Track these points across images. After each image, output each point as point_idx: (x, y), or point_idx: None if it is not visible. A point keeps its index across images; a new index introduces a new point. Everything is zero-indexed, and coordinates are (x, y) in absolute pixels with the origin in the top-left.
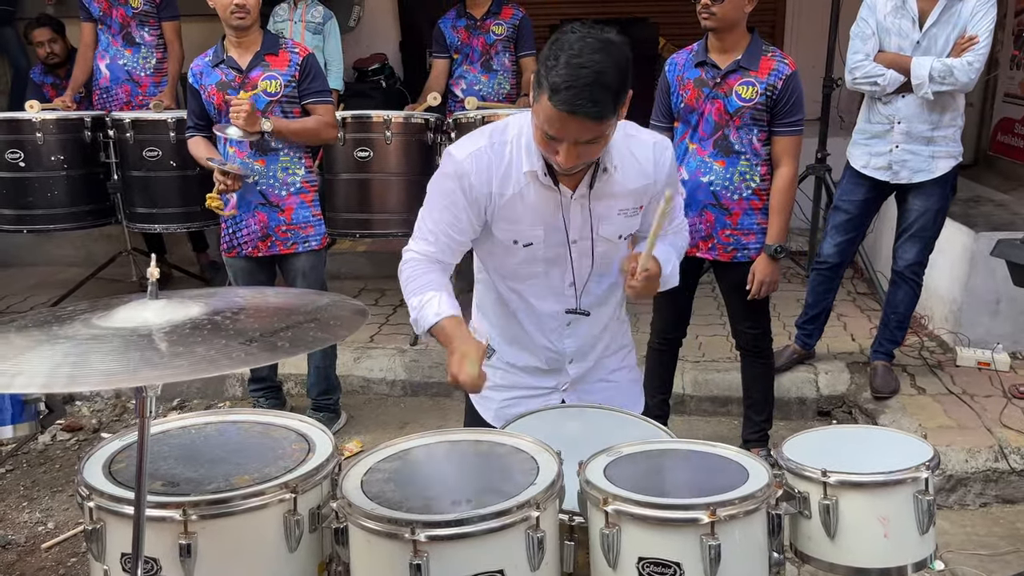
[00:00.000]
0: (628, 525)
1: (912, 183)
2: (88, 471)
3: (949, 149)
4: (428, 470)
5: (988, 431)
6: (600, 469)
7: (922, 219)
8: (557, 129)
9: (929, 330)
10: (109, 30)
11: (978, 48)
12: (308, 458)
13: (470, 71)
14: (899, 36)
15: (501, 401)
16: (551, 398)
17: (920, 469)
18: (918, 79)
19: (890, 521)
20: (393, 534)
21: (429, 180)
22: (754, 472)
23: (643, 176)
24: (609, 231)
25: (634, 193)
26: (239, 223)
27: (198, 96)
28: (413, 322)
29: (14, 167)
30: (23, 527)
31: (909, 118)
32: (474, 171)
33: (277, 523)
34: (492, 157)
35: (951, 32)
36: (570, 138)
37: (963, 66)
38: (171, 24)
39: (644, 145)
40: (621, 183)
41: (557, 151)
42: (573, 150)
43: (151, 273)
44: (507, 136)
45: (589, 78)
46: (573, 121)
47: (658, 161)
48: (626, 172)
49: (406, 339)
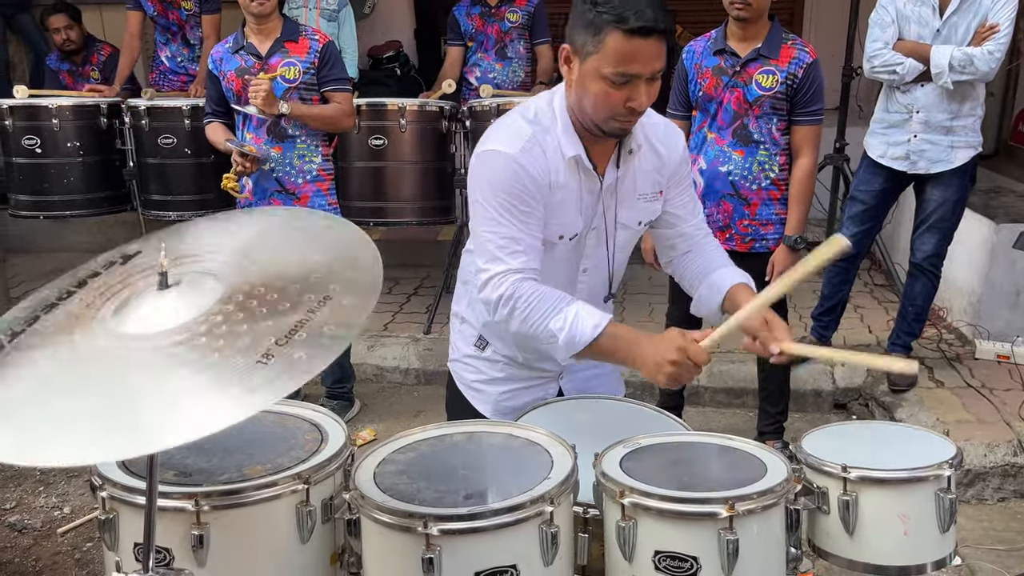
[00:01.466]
0: (645, 518)
1: (930, 173)
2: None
3: (968, 139)
4: (441, 462)
5: (1007, 425)
6: (616, 461)
7: (940, 210)
8: (634, 61)
9: (948, 322)
10: (168, 31)
11: (999, 37)
12: (321, 448)
13: (484, 59)
14: (919, 24)
15: (499, 394)
16: (549, 386)
17: (943, 467)
18: (938, 68)
19: (910, 519)
20: (406, 527)
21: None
22: (773, 466)
23: (657, 157)
24: (628, 216)
25: (651, 176)
26: (252, 208)
27: (217, 82)
28: (566, 345)
29: (31, 153)
30: (39, 512)
31: (928, 107)
32: (532, 164)
33: (289, 514)
34: (539, 147)
35: (972, 20)
36: (647, 68)
37: (984, 55)
38: (210, 18)
39: (656, 126)
40: (641, 166)
41: (630, 97)
42: (647, 87)
43: (162, 263)
44: (543, 122)
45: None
46: (649, 45)
47: (670, 143)
48: (644, 154)
49: (420, 327)
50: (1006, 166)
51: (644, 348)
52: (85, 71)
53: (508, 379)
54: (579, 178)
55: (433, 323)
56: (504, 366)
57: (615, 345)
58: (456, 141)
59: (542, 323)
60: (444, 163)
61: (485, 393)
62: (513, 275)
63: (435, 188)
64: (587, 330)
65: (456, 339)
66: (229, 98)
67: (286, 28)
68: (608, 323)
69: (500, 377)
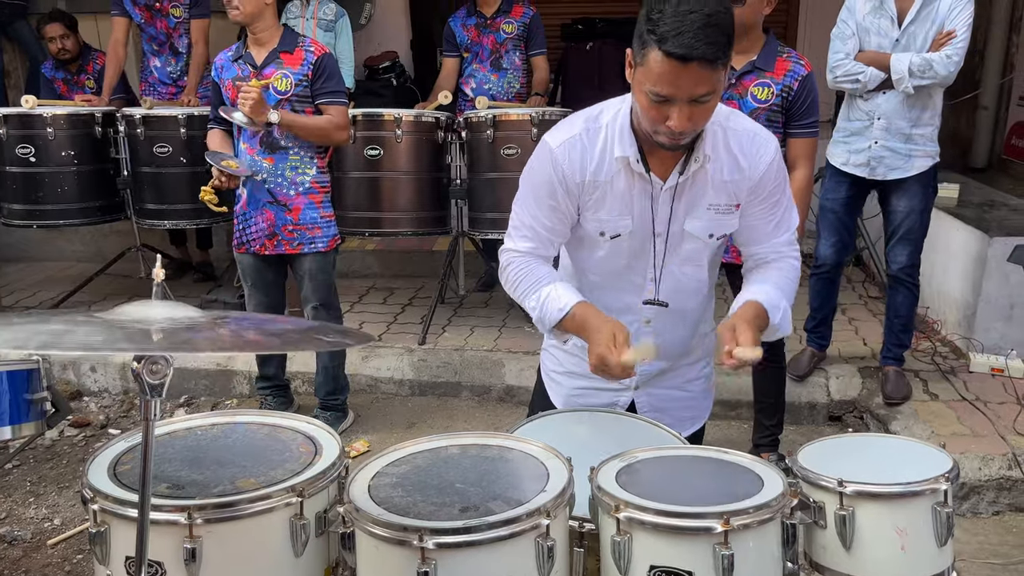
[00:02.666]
0: (640, 533)
1: (889, 180)
2: (93, 473)
3: (926, 148)
4: (436, 475)
5: (1002, 438)
6: (612, 475)
7: (908, 221)
8: (670, 85)
9: (942, 335)
10: (155, 40)
11: (956, 42)
12: (315, 461)
13: (480, 70)
14: (879, 35)
15: (572, 389)
16: (621, 396)
17: (939, 480)
18: (898, 74)
19: (907, 533)
20: (401, 540)
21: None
22: (769, 480)
23: (737, 169)
24: (697, 227)
25: (727, 187)
26: (248, 220)
27: (219, 90)
28: (537, 322)
29: (25, 162)
30: (29, 523)
31: (888, 114)
32: (567, 159)
33: (283, 527)
34: (586, 144)
35: (930, 29)
36: (684, 94)
37: (942, 59)
38: (199, 23)
39: (740, 135)
40: (713, 175)
41: (668, 116)
42: (686, 110)
43: (156, 274)
44: (601, 121)
45: (701, 20)
46: (687, 71)
47: (755, 154)
48: (720, 164)
49: (414, 338)
50: (999, 179)
51: (585, 335)
52: (80, 80)
53: (583, 375)
54: (628, 179)
55: (428, 334)
56: (581, 360)
57: (574, 326)
58: (452, 152)
59: (523, 300)
60: (440, 174)
61: (561, 385)
62: (512, 254)
63: (431, 199)
64: (554, 312)
65: None
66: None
67: (284, 39)
68: (573, 307)
69: (576, 372)
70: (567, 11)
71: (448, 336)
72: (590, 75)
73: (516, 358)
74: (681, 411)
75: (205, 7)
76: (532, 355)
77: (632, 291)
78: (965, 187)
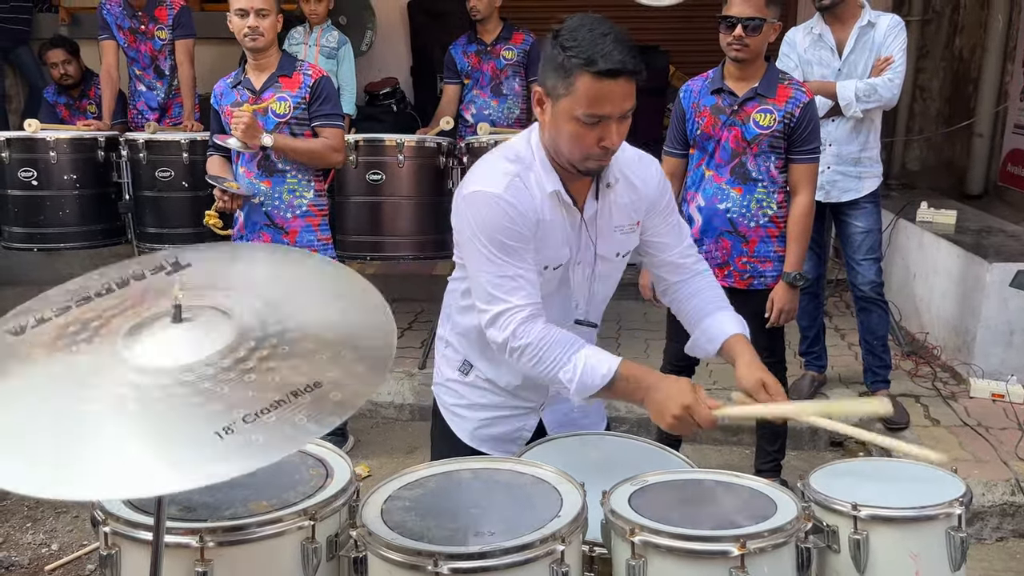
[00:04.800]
0: (655, 556)
1: (842, 202)
2: None
3: (873, 170)
4: (450, 499)
5: (1004, 464)
6: (625, 499)
7: (869, 238)
8: (605, 102)
9: (942, 361)
10: (139, 63)
11: (895, 66)
12: (327, 484)
13: (480, 96)
14: (821, 66)
15: (479, 421)
16: (529, 418)
17: (954, 504)
18: (845, 100)
19: (921, 558)
20: (415, 565)
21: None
22: (783, 504)
23: (632, 190)
24: (607, 249)
25: (626, 208)
26: (246, 243)
27: (218, 116)
28: (577, 393)
29: (27, 185)
30: (26, 548)
31: (839, 140)
32: (517, 201)
33: (294, 550)
34: (524, 184)
35: (868, 56)
36: (617, 109)
37: (885, 83)
38: (183, 43)
39: (630, 160)
40: (617, 200)
41: (602, 136)
42: (619, 126)
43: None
44: (525, 161)
45: (616, 38)
46: (618, 86)
47: (646, 174)
48: (619, 188)
49: (414, 363)
50: (995, 206)
51: (654, 394)
52: (82, 105)
53: (488, 406)
54: (561, 212)
55: (428, 358)
56: (485, 392)
57: (627, 388)
58: (453, 177)
59: (551, 372)
60: (441, 198)
61: (464, 418)
62: (517, 313)
63: (432, 223)
64: (597, 379)
65: (440, 363)
66: (228, 132)
67: (282, 63)
68: (619, 368)
69: (480, 403)
70: None
71: None
72: None
73: None
74: (583, 419)
75: (189, 28)
76: None
77: (559, 312)
78: (962, 214)
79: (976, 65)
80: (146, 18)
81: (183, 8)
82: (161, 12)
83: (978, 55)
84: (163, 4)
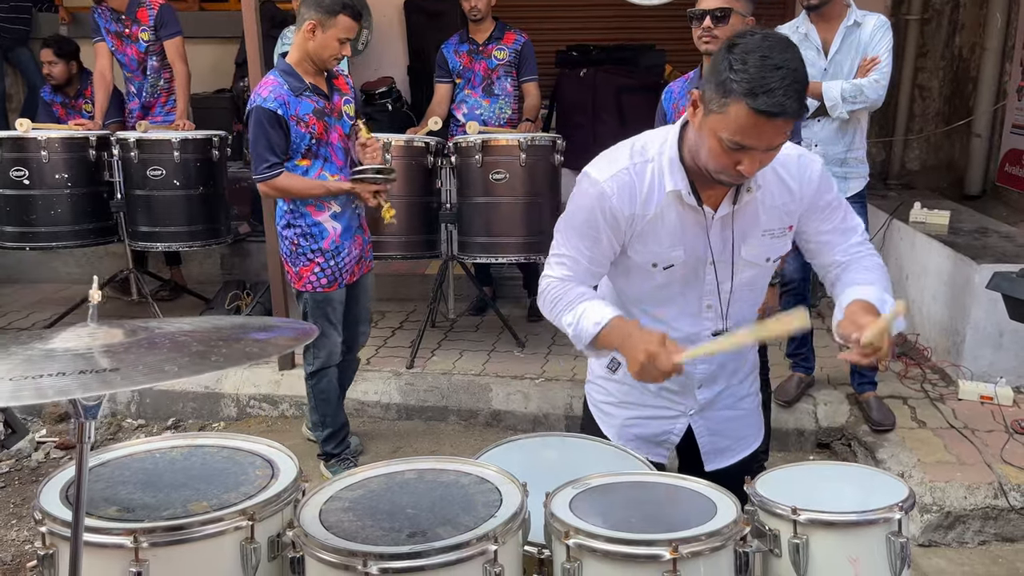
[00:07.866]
0: (590, 560)
1: None
2: (45, 495)
3: (859, 170)
4: (389, 500)
5: (988, 467)
6: (566, 501)
7: None
8: (752, 136)
9: (931, 362)
10: (127, 67)
11: (881, 67)
12: (270, 484)
13: (472, 95)
14: (807, 66)
15: (625, 419)
16: (677, 422)
17: (893, 509)
18: (831, 100)
19: (861, 562)
20: (347, 565)
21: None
22: (722, 507)
23: (787, 193)
24: (752, 253)
25: (778, 211)
26: (341, 251)
27: (282, 129)
28: (574, 339)
29: (19, 184)
30: (10, 545)
31: (825, 141)
32: (615, 193)
33: (233, 551)
34: (634, 177)
35: (854, 57)
36: (764, 144)
37: (871, 84)
38: (172, 42)
39: (788, 161)
40: (763, 201)
41: (740, 161)
42: (761, 157)
43: (92, 296)
44: (648, 155)
45: (789, 77)
46: (772, 124)
47: (803, 177)
48: (769, 190)
49: (402, 362)
50: (993, 207)
51: (627, 341)
52: (78, 104)
53: (634, 404)
54: (679, 211)
55: (416, 358)
56: (632, 390)
57: (611, 338)
58: (442, 176)
59: (559, 318)
60: (430, 198)
61: (612, 416)
62: (551, 280)
63: (421, 223)
64: (590, 327)
65: (591, 360)
66: (303, 143)
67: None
68: (610, 319)
69: (627, 401)
70: (561, 38)
71: (437, 360)
72: (584, 101)
73: (503, 383)
74: (737, 430)
75: (173, 26)
76: (520, 379)
77: (687, 319)
78: (958, 214)
79: (974, 64)
80: (129, 21)
81: (163, 7)
82: (142, 13)
83: (976, 54)
84: (143, 5)
